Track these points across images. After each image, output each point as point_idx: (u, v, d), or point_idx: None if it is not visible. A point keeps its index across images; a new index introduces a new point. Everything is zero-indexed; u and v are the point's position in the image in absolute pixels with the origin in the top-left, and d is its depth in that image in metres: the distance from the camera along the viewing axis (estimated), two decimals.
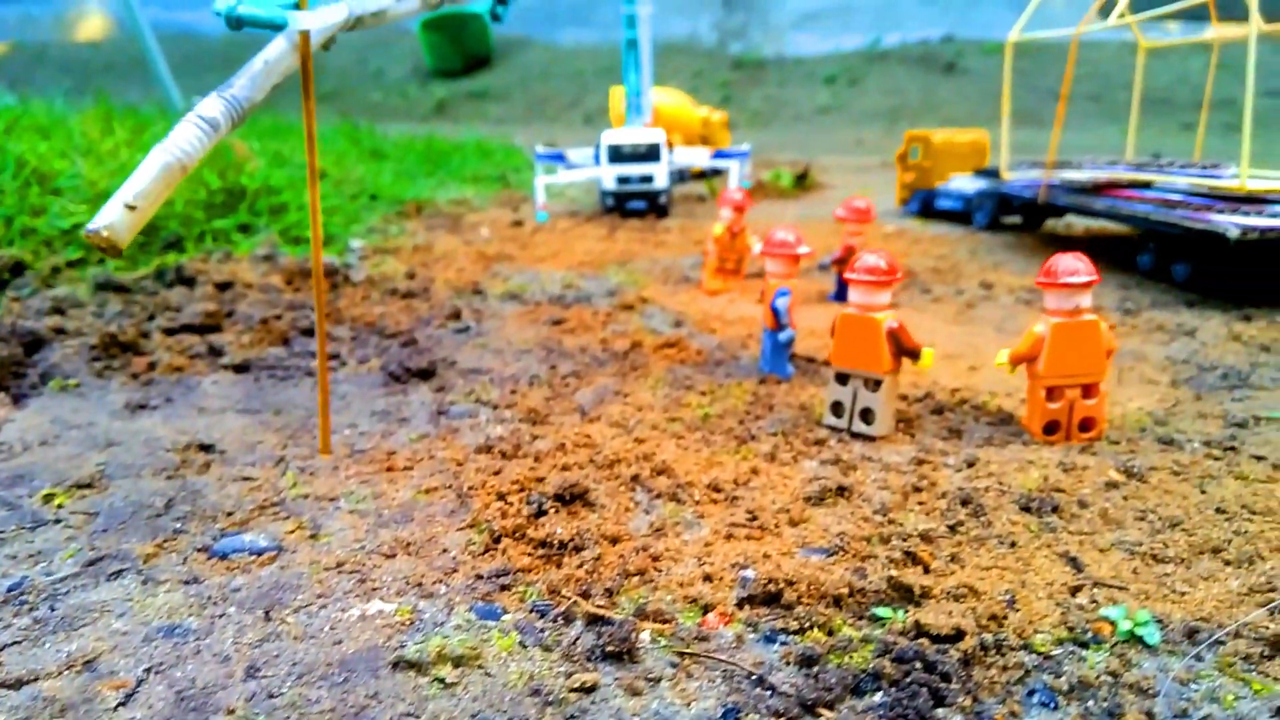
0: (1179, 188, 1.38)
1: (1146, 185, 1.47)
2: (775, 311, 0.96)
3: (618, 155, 2.17)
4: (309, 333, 1.11)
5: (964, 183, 2.06)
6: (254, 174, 1.81)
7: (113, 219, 0.57)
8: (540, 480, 0.68)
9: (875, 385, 0.78)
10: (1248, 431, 0.80)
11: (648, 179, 2.17)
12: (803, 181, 2.72)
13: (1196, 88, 5.84)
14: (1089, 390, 0.76)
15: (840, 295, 1.35)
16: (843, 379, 0.80)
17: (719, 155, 2.57)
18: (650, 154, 2.16)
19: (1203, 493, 0.67)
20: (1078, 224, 2.03)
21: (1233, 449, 0.75)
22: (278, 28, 0.63)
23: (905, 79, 6.17)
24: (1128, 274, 1.48)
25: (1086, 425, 0.77)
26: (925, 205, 2.15)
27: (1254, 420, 0.83)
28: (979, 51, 6.40)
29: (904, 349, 0.78)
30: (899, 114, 5.70)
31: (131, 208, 0.57)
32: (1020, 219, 1.96)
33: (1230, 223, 1.19)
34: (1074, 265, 0.74)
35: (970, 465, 0.72)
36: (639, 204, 2.19)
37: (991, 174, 1.89)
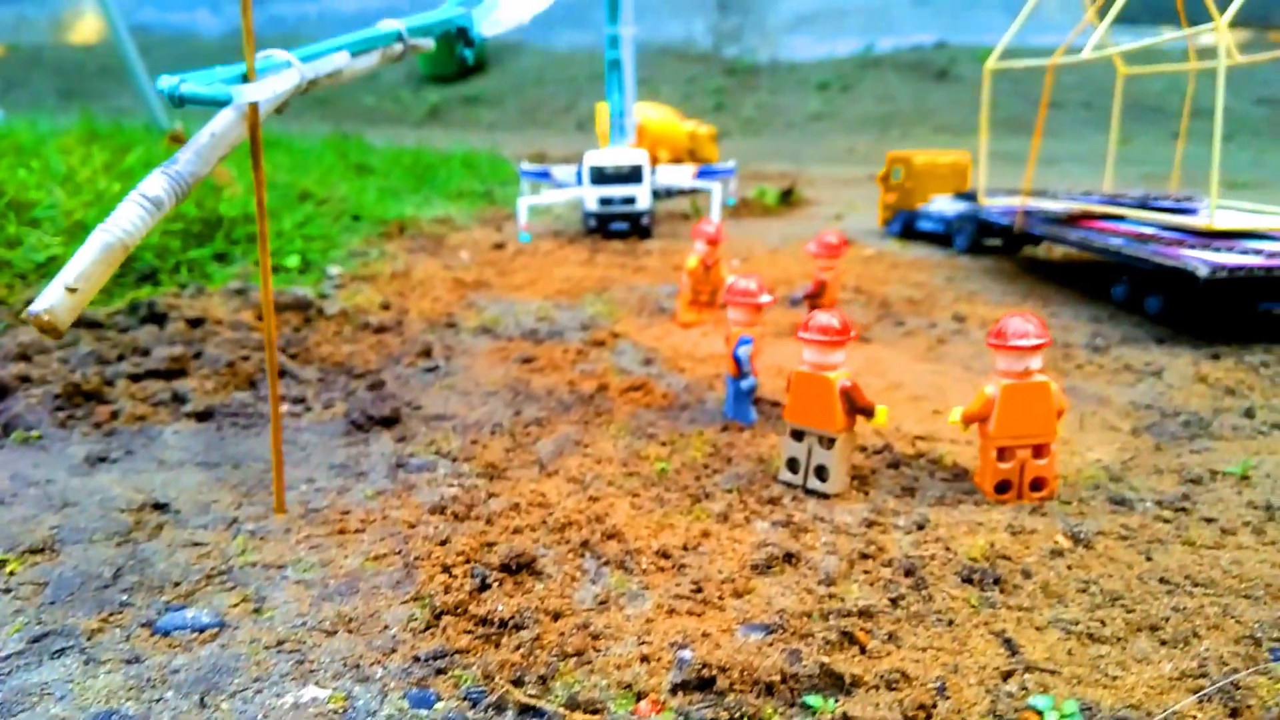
0: (1152, 221, 1.39)
1: (1120, 218, 1.48)
2: (737, 360, 0.96)
3: (600, 176, 2.17)
4: (278, 375, 1.11)
5: (945, 205, 2.06)
6: (234, 199, 1.81)
7: (53, 302, 0.57)
8: (491, 546, 0.69)
9: (829, 443, 0.78)
10: (1202, 489, 0.80)
11: (630, 200, 2.17)
12: (788, 198, 2.73)
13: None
14: (1040, 450, 0.76)
15: None
16: (798, 435, 0.80)
17: (703, 174, 2.58)
18: (633, 175, 2.16)
19: (1149, 560, 0.67)
20: (1057, 249, 2.04)
21: (1184, 510, 0.75)
22: (222, 104, 0.63)
23: (897, 86, 6.17)
24: (1102, 304, 1.48)
25: (1038, 484, 0.77)
26: (907, 226, 2.15)
27: (1210, 475, 0.83)
28: (971, 58, 6.41)
29: (857, 408, 0.78)
30: (891, 121, 5.71)
31: (73, 290, 0.58)
32: (1000, 241, 1.96)
33: (1200, 261, 1.20)
34: (1023, 328, 0.74)
35: (920, 528, 0.72)
36: (621, 225, 2.19)
37: (972, 197, 1.89)
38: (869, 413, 0.78)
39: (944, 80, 5.97)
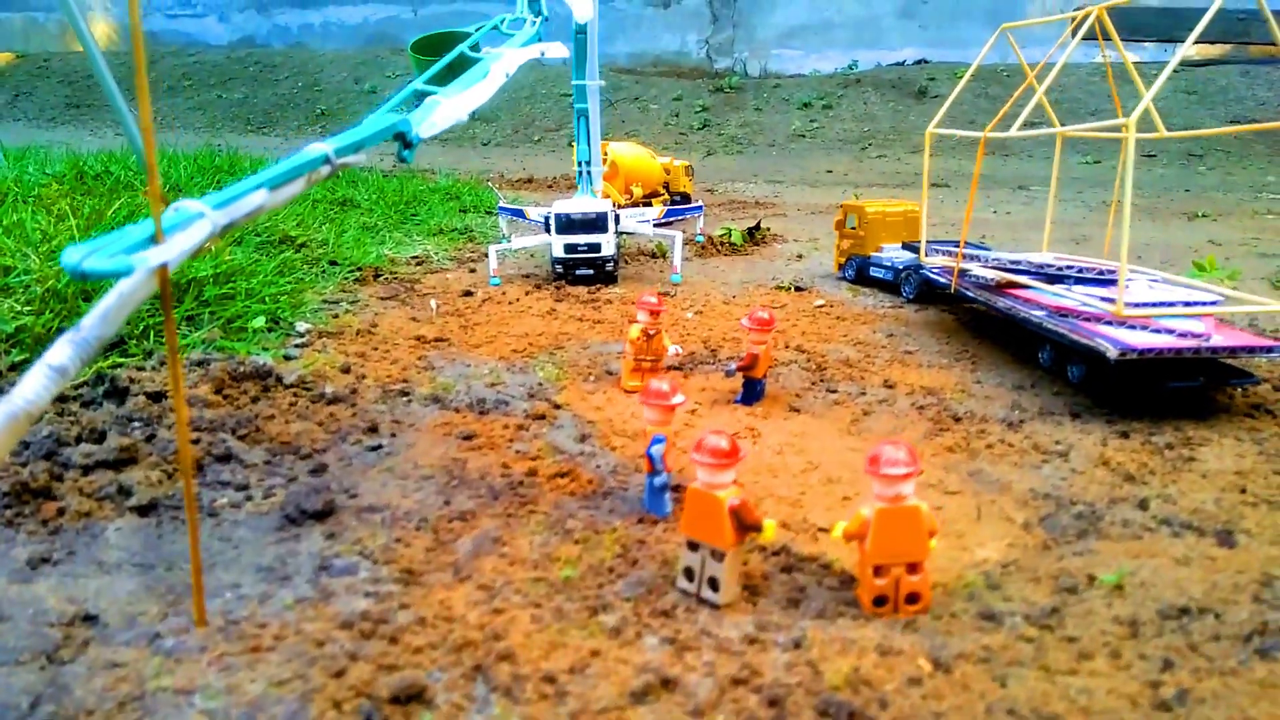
0: (1074, 295, 1.43)
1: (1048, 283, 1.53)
2: (650, 458, 1.01)
3: (565, 225, 2.22)
4: (224, 459, 1.17)
5: (895, 254, 2.11)
6: (212, 253, 1.86)
7: None
8: (391, 669, 0.74)
9: (721, 556, 0.84)
10: (1074, 600, 0.85)
11: (595, 248, 2.22)
12: (754, 235, 2.78)
13: (1162, 115, 5.90)
14: (914, 567, 0.81)
15: (746, 399, 1.41)
16: (694, 546, 0.86)
17: (672, 213, 2.63)
18: (598, 224, 2.21)
19: (1003, 687, 0.72)
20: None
21: (1049, 627, 0.80)
22: (125, 274, 0.67)
23: (878, 104, 6.22)
24: (1030, 368, 1.53)
25: (913, 598, 0.82)
26: (860, 272, 2.21)
27: (1086, 582, 0.88)
28: (950, 76, 6.45)
29: (746, 525, 0.83)
30: (870, 140, 5.76)
31: None
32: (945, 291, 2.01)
33: (1110, 341, 1.25)
34: (895, 457, 0.79)
35: (797, 646, 0.77)
36: (587, 271, 2.25)
37: (916, 249, 1.94)
38: (757, 529, 0.84)
39: (923, 99, 6.02)
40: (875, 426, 1.32)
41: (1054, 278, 1.51)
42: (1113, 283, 1.46)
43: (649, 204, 3.19)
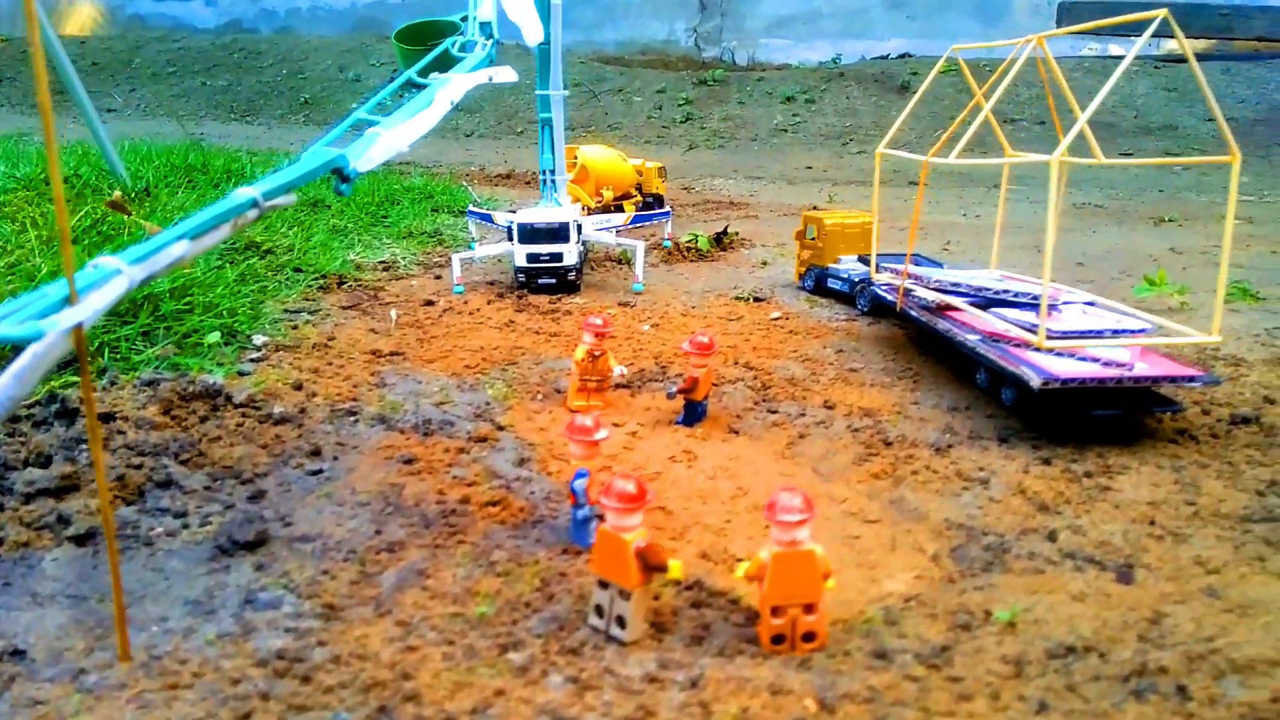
0: (1008, 319, 1.47)
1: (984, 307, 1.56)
2: (574, 492, 1.04)
3: (528, 234, 2.24)
4: (165, 485, 1.19)
5: (852, 266, 2.14)
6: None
7: None
8: (300, 709, 0.77)
9: (627, 595, 0.87)
10: (967, 637, 0.88)
11: (557, 257, 2.24)
12: (721, 240, 2.80)
13: (1141, 112, 5.93)
14: (810, 607, 0.85)
15: (687, 420, 1.44)
16: (604, 584, 0.89)
17: (639, 219, 2.65)
18: (560, 233, 2.24)
19: None
20: None
21: (936, 666, 0.84)
22: (37, 340, 0.70)
23: (860, 99, 6.23)
24: (969, 389, 1.56)
25: (809, 637, 0.85)
26: (819, 283, 2.24)
27: (983, 617, 0.91)
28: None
29: (651, 566, 0.86)
30: (851, 135, 5.78)
31: None
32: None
33: (1035, 370, 1.28)
34: (791, 503, 0.83)
35: (694, 684, 0.81)
36: (549, 280, 2.27)
37: (881, 260, 1.97)
38: (663, 569, 0.87)
39: (906, 94, 6.04)
40: (809, 451, 1.35)
41: (991, 301, 1.54)
42: (1052, 307, 1.49)
43: (620, 207, 3.22)
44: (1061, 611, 0.92)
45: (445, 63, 1.56)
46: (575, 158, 2.99)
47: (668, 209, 2.85)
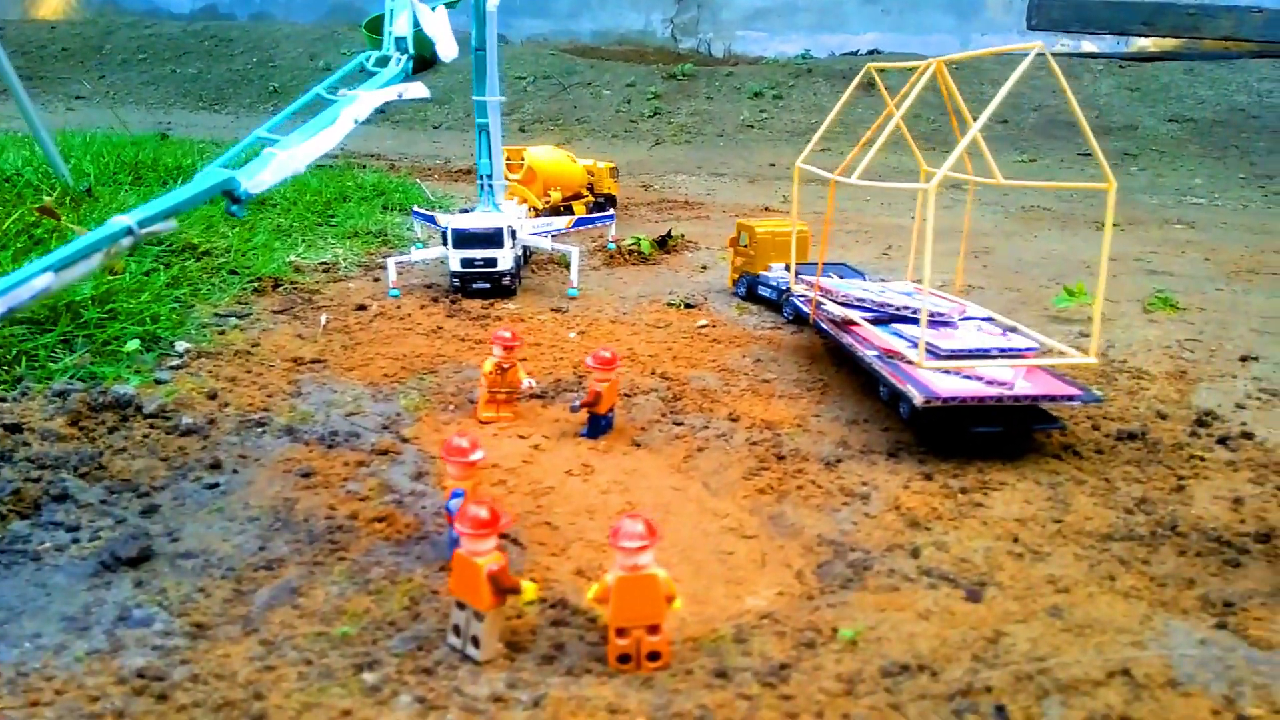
0: (906, 335, 1.50)
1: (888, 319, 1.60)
2: (448, 511, 1.07)
3: (462, 239, 2.26)
4: (60, 498, 1.21)
5: (781, 274, 2.18)
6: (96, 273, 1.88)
7: None
8: None
9: (481, 616, 0.90)
10: (810, 654, 0.92)
11: (491, 263, 2.27)
12: (665, 244, 2.83)
13: (1103, 112, 6.00)
14: (654, 628, 0.88)
15: (591, 433, 1.47)
16: (461, 604, 0.92)
17: (581, 222, 2.68)
18: (494, 239, 2.26)
19: None
20: None
21: (771, 685, 0.87)
22: None
23: (828, 95, 6.26)
24: (873, 401, 1.60)
25: (654, 656, 0.89)
26: (750, 290, 2.27)
27: (829, 635, 0.95)
28: (901, 69, 6.51)
29: (503, 589, 0.90)
30: (816, 131, 5.83)
31: None
32: None
33: (918, 387, 1.32)
34: (633, 530, 0.86)
35: (536, 704, 0.84)
36: (484, 285, 2.29)
37: (803, 270, 2.01)
38: (515, 591, 0.90)
39: (871, 91, 6.06)
40: (704, 465, 1.38)
41: (894, 318, 1.58)
42: (948, 324, 1.53)
43: (570, 208, 3.24)
44: (904, 629, 0.96)
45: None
46: (523, 159, 3.01)
47: (611, 212, 2.88)
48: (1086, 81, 6.37)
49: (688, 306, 2.26)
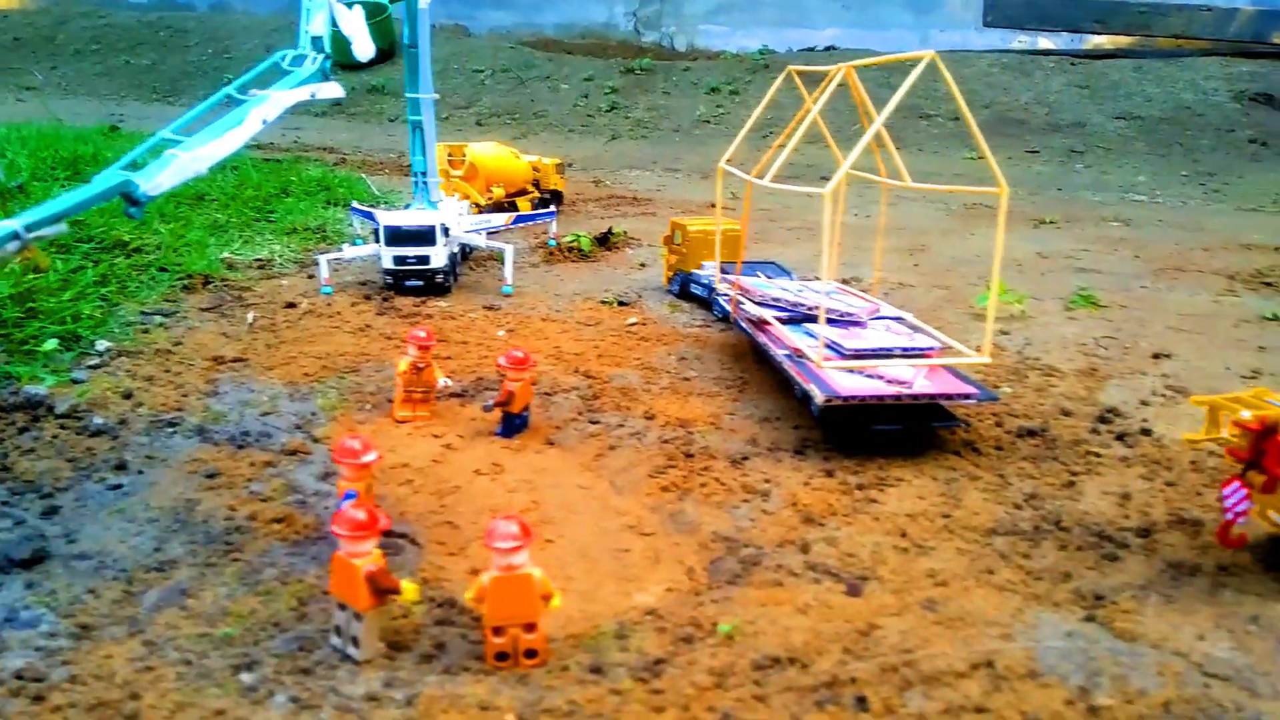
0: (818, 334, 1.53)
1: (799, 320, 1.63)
2: None
3: (394, 237, 2.26)
4: None
5: (713, 272, 2.20)
6: (17, 270, 1.87)
7: None
8: None
9: (360, 616, 0.91)
10: (687, 649, 0.95)
11: (424, 260, 2.27)
12: (606, 241, 2.85)
13: (1053, 109, 6.09)
14: (530, 626, 0.90)
15: (505, 432, 1.48)
16: (342, 605, 0.93)
17: (521, 219, 2.69)
18: (427, 236, 2.26)
19: None
20: None
21: (644, 680, 0.90)
22: None
23: (784, 92, 6.29)
24: (788, 399, 1.62)
25: (531, 654, 0.91)
26: (684, 288, 2.30)
27: (709, 629, 0.98)
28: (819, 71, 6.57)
29: (382, 590, 0.91)
30: (772, 128, 5.83)
31: None
32: None
33: (822, 385, 1.35)
34: (507, 530, 0.88)
35: (409, 703, 0.86)
36: (417, 282, 2.30)
37: (729, 269, 2.03)
38: (395, 592, 0.92)
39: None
40: (613, 463, 1.40)
41: (805, 318, 1.60)
42: (858, 324, 1.56)
43: (514, 204, 3.24)
44: (782, 623, 0.99)
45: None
46: (464, 155, 3.01)
47: (553, 209, 2.89)
48: (1038, 79, 6.45)
49: (621, 304, 2.27)
